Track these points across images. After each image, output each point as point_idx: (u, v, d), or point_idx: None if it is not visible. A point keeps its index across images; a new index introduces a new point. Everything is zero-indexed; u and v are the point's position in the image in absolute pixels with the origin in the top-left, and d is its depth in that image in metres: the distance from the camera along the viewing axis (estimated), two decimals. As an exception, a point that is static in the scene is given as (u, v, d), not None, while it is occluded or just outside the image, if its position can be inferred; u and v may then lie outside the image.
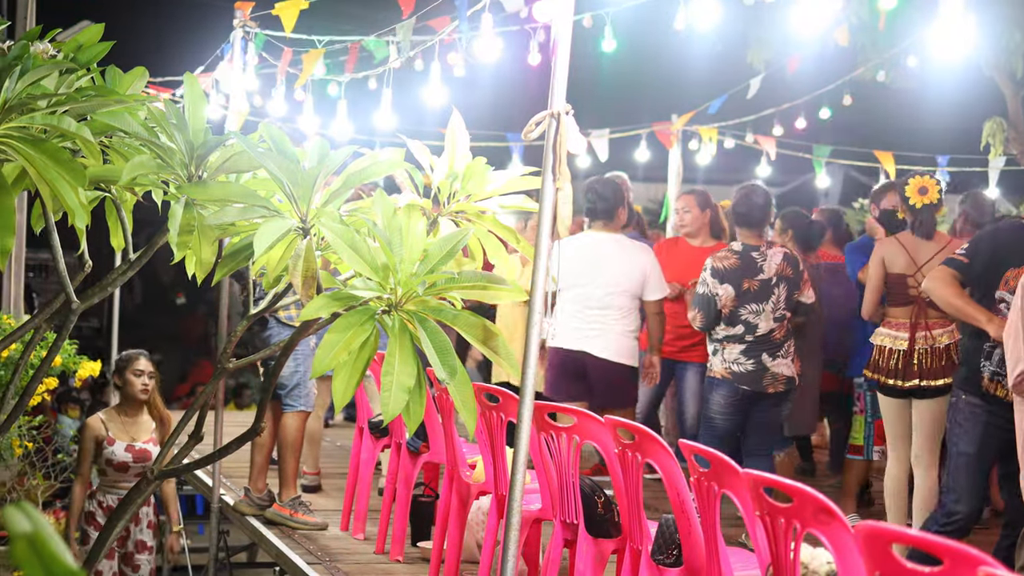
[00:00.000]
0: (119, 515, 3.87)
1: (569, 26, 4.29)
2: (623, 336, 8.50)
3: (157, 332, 22.44)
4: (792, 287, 7.97)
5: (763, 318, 7.90)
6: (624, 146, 15.00)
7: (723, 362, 7.94)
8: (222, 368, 3.84)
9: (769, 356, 7.88)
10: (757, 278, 7.94)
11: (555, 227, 4.23)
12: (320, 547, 7.52)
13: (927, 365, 7.41)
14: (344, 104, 10.70)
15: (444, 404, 6.85)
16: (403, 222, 3.39)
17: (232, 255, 3.64)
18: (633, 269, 8.44)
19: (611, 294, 8.47)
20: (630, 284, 8.41)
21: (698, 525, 4.90)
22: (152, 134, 3.50)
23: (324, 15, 9.45)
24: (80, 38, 3.59)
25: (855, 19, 11.45)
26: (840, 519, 3.83)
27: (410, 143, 3.94)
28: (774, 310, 7.92)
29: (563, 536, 5.87)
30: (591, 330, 8.47)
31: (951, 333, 7.40)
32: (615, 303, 8.48)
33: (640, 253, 8.56)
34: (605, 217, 8.62)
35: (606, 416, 5.56)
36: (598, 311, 8.46)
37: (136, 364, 7.92)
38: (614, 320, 8.48)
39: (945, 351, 7.41)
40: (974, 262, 6.52)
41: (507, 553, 4.22)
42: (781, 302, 7.94)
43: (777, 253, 8.01)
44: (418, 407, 3.29)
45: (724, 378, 7.92)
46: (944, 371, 7.32)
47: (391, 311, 3.31)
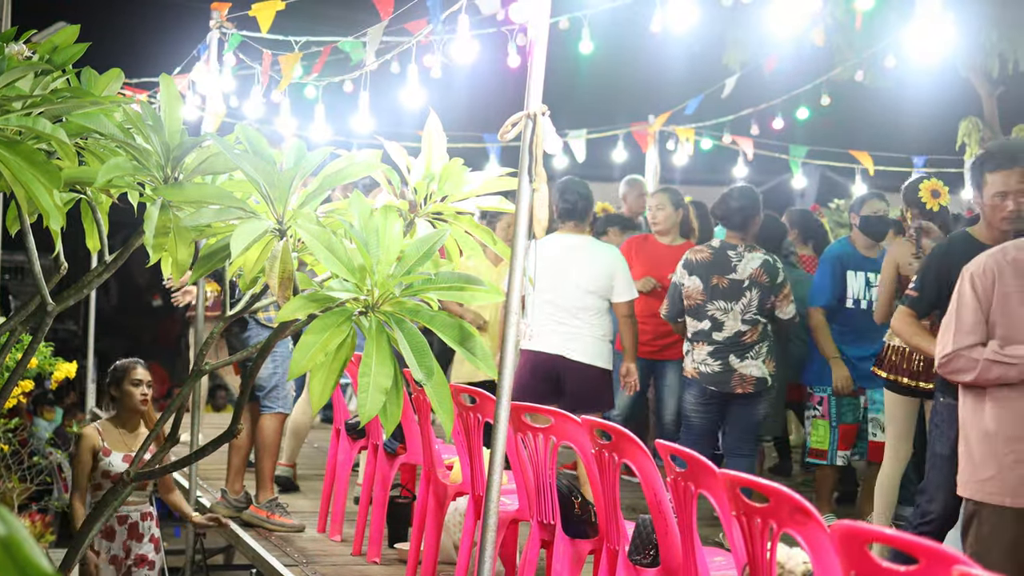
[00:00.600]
0: (95, 518, 3.86)
1: (546, 28, 4.29)
2: (598, 340, 8.47)
3: (133, 334, 22.37)
4: (765, 295, 8.00)
5: (731, 317, 7.94)
6: (601, 147, 15.02)
7: (692, 362, 8.05)
8: (198, 370, 3.83)
9: (737, 358, 7.94)
10: (728, 276, 7.98)
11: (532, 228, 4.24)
12: (297, 549, 7.51)
13: None
14: (321, 106, 10.68)
15: (421, 405, 6.85)
16: (380, 223, 3.38)
17: (208, 257, 3.64)
18: (601, 271, 8.42)
19: (582, 296, 8.44)
20: (599, 286, 8.39)
21: (675, 525, 4.91)
22: (128, 136, 3.49)
23: (301, 17, 9.43)
24: (55, 39, 3.58)
25: (831, 19, 11.49)
26: (816, 519, 3.84)
27: (387, 144, 3.94)
28: (743, 312, 7.96)
29: (540, 537, 5.88)
30: (567, 334, 8.43)
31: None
32: (587, 305, 8.44)
33: (607, 254, 8.54)
34: (576, 218, 8.60)
35: (583, 417, 5.56)
36: (571, 314, 8.42)
37: (134, 374, 7.55)
38: (587, 323, 8.44)
39: None
40: (923, 293, 6.59)
41: (484, 554, 4.22)
42: (752, 306, 7.97)
43: (756, 258, 8.05)
44: (395, 408, 3.29)
45: (693, 378, 8.04)
46: None
47: (368, 312, 3.30)
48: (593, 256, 8.43)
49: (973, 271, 5.43)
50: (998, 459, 5.31)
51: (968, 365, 5.35)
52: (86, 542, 3.89)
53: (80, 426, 8.48)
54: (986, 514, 5.34)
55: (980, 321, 5.37)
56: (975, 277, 5.41)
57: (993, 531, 5.31)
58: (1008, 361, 5.27)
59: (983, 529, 5.34)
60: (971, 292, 5.40)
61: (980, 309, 5.37)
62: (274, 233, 3.39)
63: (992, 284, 5.36)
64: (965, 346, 5.38)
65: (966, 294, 5.42)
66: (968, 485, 5.44)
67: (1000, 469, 5.30)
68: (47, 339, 7.05)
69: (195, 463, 7.56)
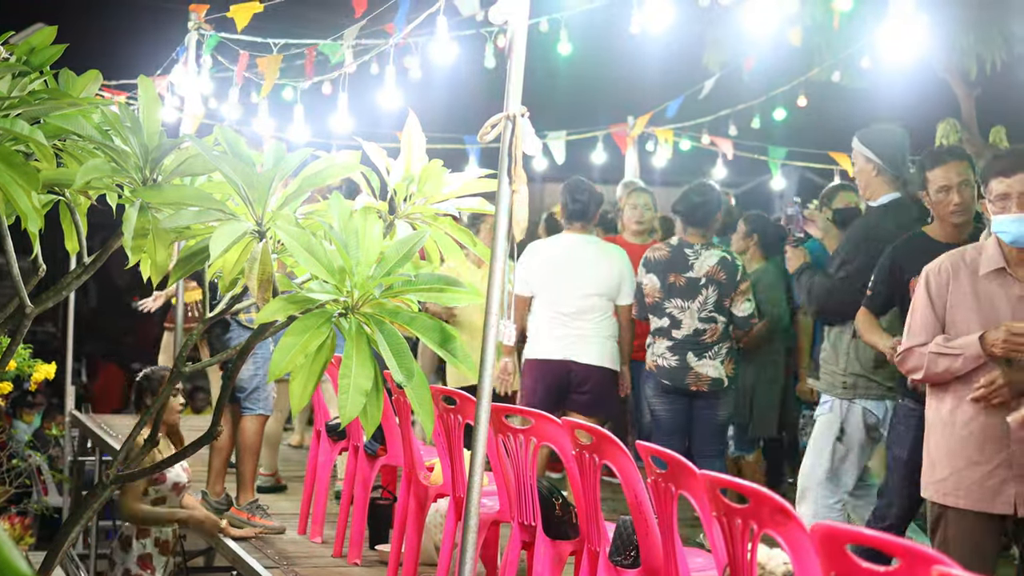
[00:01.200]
0: (75, 519, 3.84)
1: (524, 29, 4.29)
2: (606, 340, 8.41)
3: (113, 336, 22.28)
4: (723, 292, 7.99)
5: (688, 315, 7.95)
6: (581, 148, 15.02)
7: (652, 355, 8.08)
8: (178, 372, 3.82)
9: (695, 356, 7.95)
10: (685, 275, 7.99)
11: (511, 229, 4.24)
12: (278, 551, 7.50)
13: None
14: (300, 108, 10.68)
15: (401, 407, 6.84)
16: (359, 225, 3.38)
17: (187, 258, 3.63)
18: (610, 272, 8.39)
19: (590, 297, 8.38)
20: (607, 287, 8.37)
21: (655, 526, 4.92)
22: (106, 137, 3.49)
23: (279, 18, 9.42)
24: (33, 41, 3.57)
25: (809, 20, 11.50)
26: (796, 519, 3.84)
27: (366, 146, 3.93)
28: (700, 310, 7.96)
29: (521, 538, 5.87)
30: (572, 336, 8.37)
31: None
32: (594, 306, 8.38)
33: (616, 255, 8.52)
34: (582, 219, 8.54)
35: (563, 418, 5.57)
36: (578, 316, 8.36)
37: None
38: (595, 324, 8.38)
39: None
40: (875, 292, 6.62)
41: (465, 555, 4.22)
42: (709, 304, 7.97)
43: (713, 255, 8.04)
44: (375, 410, 3.29)
45: (651, 371, 8.06)
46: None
47: (348, 314, 3.30)
48: (601, 257, 8.42)
49: (929, 270, 5.50)
50: (953, 461, 5.34)
51: (919, 361, 5.42)
52: (66, 544, 3.88)
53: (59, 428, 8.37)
54: (951, 516, 5.36)
55: (932, 320, 5.43)
56: (930, 276, 5.48)
57: (958, 534, 5.33)
58: (951, 352, 5.31)
59: (948, 531, 5.36)
60: (924, 291, 5.48)
61: (932, 308, 5.43)
62: (253, 235, 3.39)
63: (947, 284, 5.41)
64: (916, 344, 5.45)
65: (920, 293, 5.50)
66: (928, 487, 5.47)
67: (955, 471, 5.33)
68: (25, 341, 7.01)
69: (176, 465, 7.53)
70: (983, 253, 5.41)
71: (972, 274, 5.38)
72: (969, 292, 5.37)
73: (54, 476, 13.49)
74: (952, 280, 5.40)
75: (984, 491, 5.27)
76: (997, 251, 5.37)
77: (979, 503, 5.28)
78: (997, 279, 5.35)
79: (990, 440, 5.27)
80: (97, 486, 3.84)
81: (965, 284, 5.37)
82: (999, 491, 5.24)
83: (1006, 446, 5.24)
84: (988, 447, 5.27)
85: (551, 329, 8.35)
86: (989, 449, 5.27)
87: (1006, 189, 5.28)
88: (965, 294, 5.37)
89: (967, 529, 5.31)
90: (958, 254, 5.48)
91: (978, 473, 5.27)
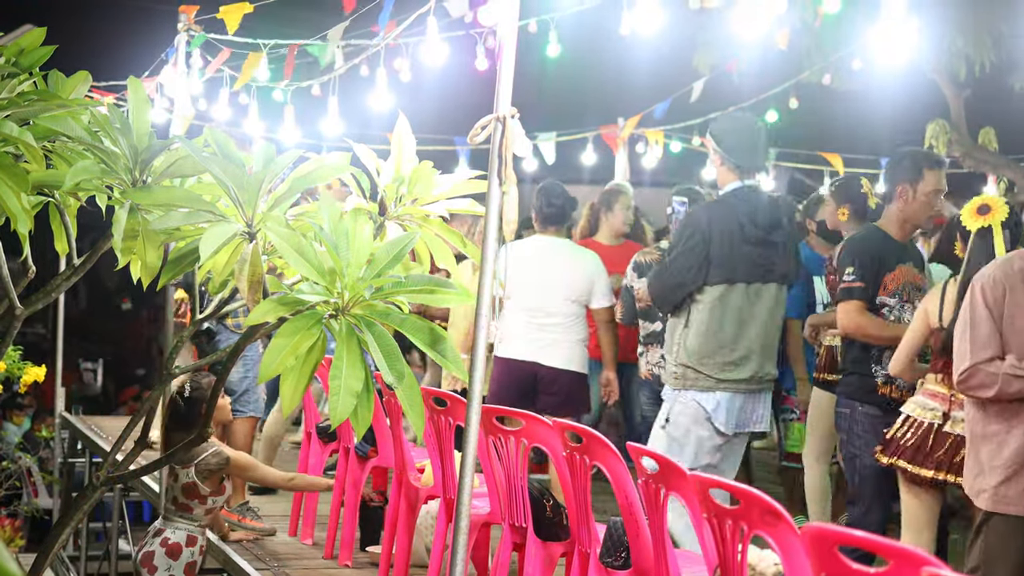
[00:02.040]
0: (66, 521, 3.84)
1: (514, 30, 4.29)
2: (575, 344, 8.44)
3: (103, 337, 22.26)
4: None
5: None
6: (571, 149, 15.02)
7: (647, 364, 8.08)
8: (168, 374, 3.82)
9: None
10: None
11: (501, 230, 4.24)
12: (268, 552, 7.49)
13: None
14: (291, 109, 10.66)
15: (392, 408, 6.84)
16: (349, 226, 3.38)
17: (177, 260, 3.63)
18: (583, 275, 8.39)
19: (560, 301, 8.40)
20: (579, 290, 8.37)
21: (646, 527, 4.92)
22: (96, 139, 3.48)
23: (270, 19, 9.41)
24: (22, 42, 3.56)
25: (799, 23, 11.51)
26: (787, 521, 3.85)
27: (356, 147, 3.93)
28: None
29: (512, 540, 5.87)
30: (543, 340, 8.40)
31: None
32: (565, 310, 8.41)
33: (589, 259, 8.52)
34: (556, 223, 8.57)
35: (554, 419, 5.57)
36: (548, 319, 8.38)
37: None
38: (565, 328, 8.41)
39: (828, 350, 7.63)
40: (866, 282, 6.63)
41: (456, 557, 4.22)
42: None
43: None
44: (366, 411, 3.28)
45: (647, 379, 8.07)
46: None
47: (338, 315, 3.30)
48: (574, 260, 8.41)
49: (983, 283, 5.36)
50: (1007, 470, 5.31)
51: (988, 380, 5.28)
52: (56, 546, 3.87)
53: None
54: (996, 522, 5.34)
55: (995, 333, 5.29)
56: (986, 289, 5.34)
57: (1006, 538, 5.32)
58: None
59: (992, 537, 5.34)
60: (983, 304, 5.33)
61: (993, 321, 5.31)
62: (243, 236, 3.38)
63: (1003, 295, 5.30)
64: (983, 360, 5.30)
65: (979, 306, 5.35)
66: (979, 495, 5.41)
67: (1007, 479, 5.30)
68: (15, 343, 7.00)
69: (165, 467, 7.52)
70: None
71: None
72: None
73: (44, 478, 13.46)
74: (1008, 292, 5.29)
75: None
76: None
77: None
78: None
79: None
80: (87, 488, 3.84)
81: (1020, 295, 5.28)
82: None
83: None
84: None
85: (521, 330, 8.36)
86: None
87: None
88: (1020, 305, 5.28)
89: (1013, 535, 5.30)
90: (1006, 264, 5.38)
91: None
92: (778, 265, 6.80)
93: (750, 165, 6.84)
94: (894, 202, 6.75)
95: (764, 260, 6.77)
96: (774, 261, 6.79)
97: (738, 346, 6.77)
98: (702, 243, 6.74)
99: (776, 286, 6.82)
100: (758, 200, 6.80)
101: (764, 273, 6.77)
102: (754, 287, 6.75)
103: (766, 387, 6.83)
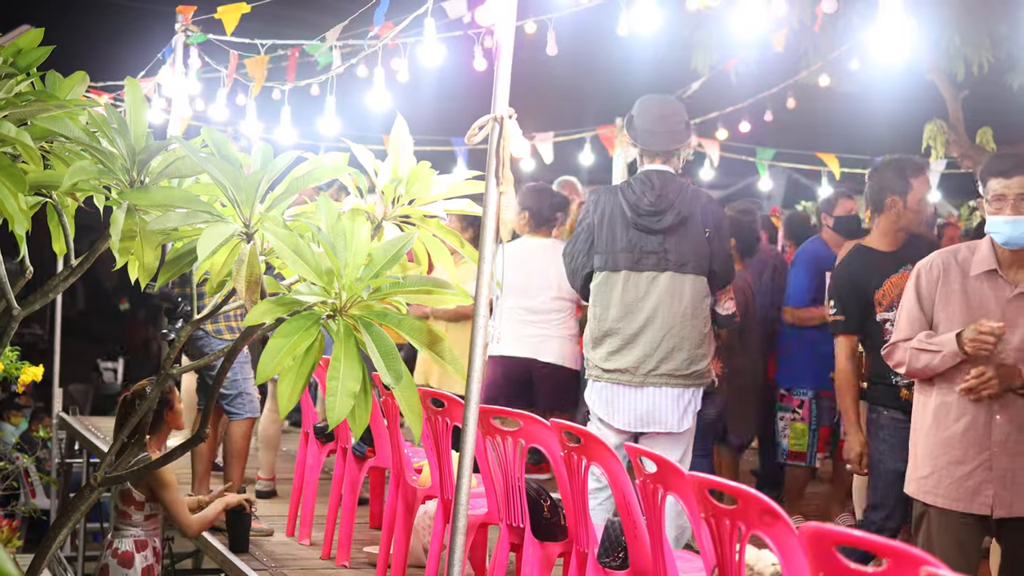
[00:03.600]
0: (63, 522, 3.84)
1: (512, 31, 4.29)
2: (566, 340, 8.53)
3: (100, 338, 22.25)
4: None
5: None
6: (568, 149, 15.02)
7: None
8: (164, 375, 3.81)
9: None
10: None
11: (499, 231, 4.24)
12: (266, 553, 7.48)
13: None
14: (288, 110, 10.66)
15: (390, 409, 6.84)
16: (347, 227, 3.38)
17: (175, 260, 3.63)
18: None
19: (550, 299, 8.48)
20: (570, 289, 8.41)
21: (644, 527, 4.92)
22: (93, 139, 3.48)
23: (267, 19, 9.41)
24: (20, 42, 3.56)
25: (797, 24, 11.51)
26: (785, 521, 3.85)
27: (354, 147, 3.93)
28: None
29: (509, 540, 5.87)
30: (536, 336, 8.47)
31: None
32: (557, 307, 8.48)
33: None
34: (547, 223, 8.68)
35: (552, 419, 5.57)
36: (539, 316, 8.46)
37: (175, 396, 6.83)
38: (556, 325, 8.50)
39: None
40: (848, 313, 6.65)
41: (453, 557, 4.22)
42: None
43: None
44: (364, 412, 3.28)
45: None
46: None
47: (336, 316, 3.30)
48: (559, 258, 8.45)
49: (921, 267, 5.53)
50: (935, 460, 5.36)
51: (903, 356, 5.46)
52: (54, 546, 3.87)
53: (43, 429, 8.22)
54: (932, 514, 5.38)
55: (919, 317, 5.46)
56: (921, 273, 5.50)
57: (940, 531, 5.35)
58: (931, 349, 5.34)
59: (931, 529, 5.38)
60: (914, 288, 5.50)
61: (920, 304, 5.46)
62: (241, 237, 3.38)
63: (937, 280, 5.43)
64: (902, 339, 5.49)
65: (909, 290, 5.53)
66: (911, 483, 5.50)
67: (936, 470, 5.35)
68: (13, 343, 6.99)
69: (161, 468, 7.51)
70: (976, 253, 5.42)
71: (963, 274, 5.40)
72: (958, 291, 5.38)
73: (42, 478, 13.47)
74: (942, 278, 5.42)
75: (963, 491, 5.30)
76: (990, 252, 5.37)
77: (958, 502, 5.31)
78: (988, 280, 5.36)
79: (972, 441, 5.29)
80: (84, 488, 3.84)
81: (955, 283, 5.39)
82: (977, 491, 5.28)
83: (987, 448, 5.27)
84: (970, 448, 5.29)
85: (515, 328, 8.41)
86: (971, 450, 5.29)
87: (1003, 190, 5.28)
88: (954, 292, 5.39)
89: (948, 527, 5.34)
90: (951, 252, 5.49)
91: (959, 473, 5.31)
92: (673, 253, 6.67)
93: (652, 148, 6.76)
94: (884, 214, 6.76)
95: (654, 247, 6.68)
96: (667, 249, 6.68)
97: (619, 336, 6.73)
98: (587, 229, 6.79)
99: (673, 275, 6.68)
100: (661, 185, 6.69)
101: (657, 261, 6.67)
102: (646, 275, 6.68)
103: (670, 383, 6.70)
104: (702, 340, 6.73)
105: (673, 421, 6.68)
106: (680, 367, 6.70)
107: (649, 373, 6.64)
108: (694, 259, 6.68)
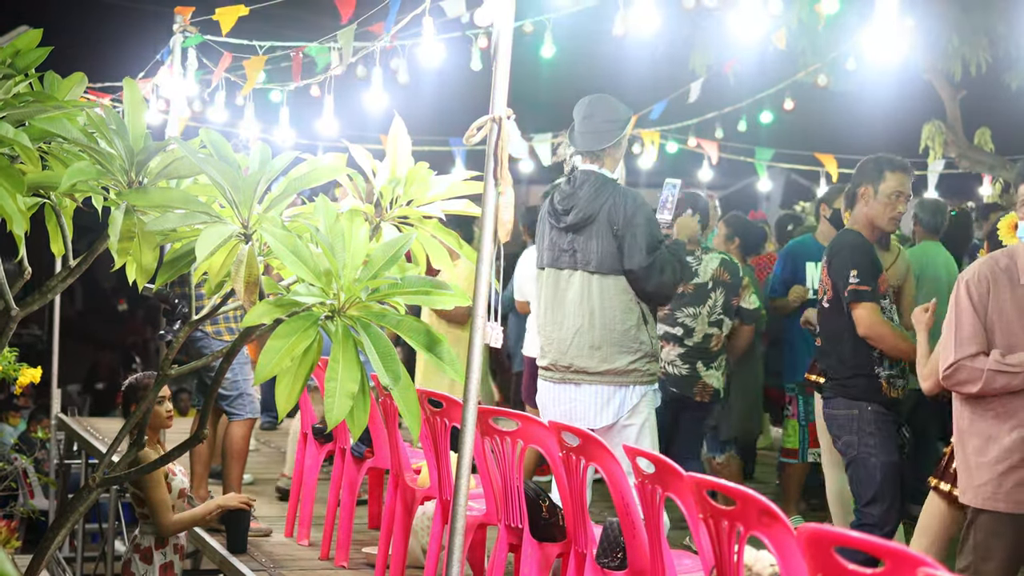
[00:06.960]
0: (62, 522, 3.83)
1: (510, 31, 4.29)
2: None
3: (99, 339, 22.27)
4: (730, 292, 8.05)
5: (699, 322, 7.98)
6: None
7: (660, 361, 8.04)
8: (164, 375, 3.81)
9: (704, 365, 7.98)
10: (692, 281, 7.99)
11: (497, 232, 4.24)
12: (264, 553, 7.48)
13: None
14: (286, 111, 10.67)
15: (388, 409, 6.84)
16: (345, 227, 3.38)
17: (173, 261, 3.62)
18: None
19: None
20: None
21: (642, 528, 4.92)
22: (92, 140, 3.48)
23: (265, 21, 9.41)
24: (18, 43, 3.56)
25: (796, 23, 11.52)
26: (783, 521, 3.85)
27: (352, 148, 3.93)
28: (710, 314, 7.99)
29: (508, 541, 5.87)
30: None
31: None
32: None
33: None
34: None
35: (550, 420, 5.57)
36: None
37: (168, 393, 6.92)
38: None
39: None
40: (872, 285, 6.61)
41: (452, 558, 4.21)
42: (718, 307, 8.01)
43: (715, 258, 8.09)
44: (362, 413, 3.28)
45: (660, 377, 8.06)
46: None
47: (334, 316, 3.30)
48: None
49: (968, 279, 5.37)
50: (995, 467, 5.31)
51: (972, 376, 5.29)
52: (52, 547, 3.87)
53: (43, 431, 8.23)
54: (991, 519, 5.34)
55: (979, 329, 5.31)
56: (970, 284, 5.35)
57: (1000, 534, 5.32)
58: (1011, 370, 5.22)
59: (989, 532, 5.35)
60: (968, 300, 5.34)
61: (978, 317, 5.32)
62: (239, 237, 3.38)
63: (987, 291, 5.31)
64: (967, 355, 5.31)
65: (963, 302, 5.36)
66: (967, 492, 5.42)
67: (994, 476, 5.31)
68: (11, 344, 6.98)
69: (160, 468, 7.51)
70: (1016, 261, 5.35)
71: (1011, 282, 5.30)
72: (1009, 300, 5.28)
73: (40, 479, 13.46)
74: (992, 288, 5.31)
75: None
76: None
77: (1021, 504, 5.28)
78: None
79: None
80: (83, 489, 3.83)
81: (1004, 292, 5.29)
82: None
83: None
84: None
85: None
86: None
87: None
88: (1005, 301, 5.29)
89: (1008, 530, 5.31)
90: (991, 262, 5.38)
91: (1021, 476, 5.27)
92: (581, 252, 6.68)
93: (578, 147, 6.77)
94: (857, 203, 6.77)
95: (566, 246, 6.72)
96: (576, 248, 6.70)
97: (543, 333, 6.87)
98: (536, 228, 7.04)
99: (582, 273, 6.68)
100: (578, 185, 6.72)
101: (571, 260, 6.72)
102: (564, 273, 6.74)
103: (585, 380, 6.69)
104: (620, 339, 6.67)
105: (591, 417, 6.66)
106: (592, 365, 6.68)
107: (566, 370, 6.73)
108: (598, 258, 6.66)
